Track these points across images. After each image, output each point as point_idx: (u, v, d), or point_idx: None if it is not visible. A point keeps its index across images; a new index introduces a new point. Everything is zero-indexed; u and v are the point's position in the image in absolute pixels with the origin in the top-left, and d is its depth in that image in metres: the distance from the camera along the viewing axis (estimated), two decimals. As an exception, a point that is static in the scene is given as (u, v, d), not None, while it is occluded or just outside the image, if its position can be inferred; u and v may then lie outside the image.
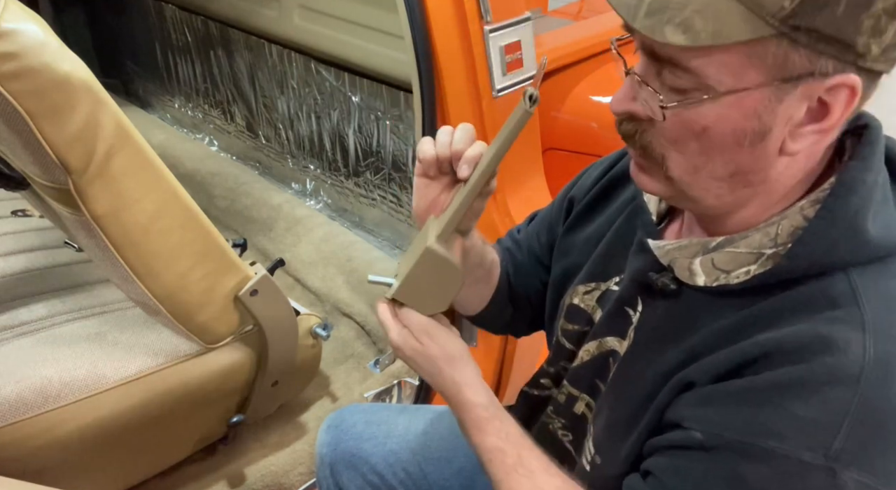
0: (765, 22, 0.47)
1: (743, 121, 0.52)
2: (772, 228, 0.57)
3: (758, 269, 0.57)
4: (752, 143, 0.52)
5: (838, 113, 0.51)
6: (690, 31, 0.49)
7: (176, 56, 2.35)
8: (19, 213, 1.59)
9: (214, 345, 1.12)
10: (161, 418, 1.11)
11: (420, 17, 1.04)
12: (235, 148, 2.31)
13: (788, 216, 0.57)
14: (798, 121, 0.52)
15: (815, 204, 0.56)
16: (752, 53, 0.49)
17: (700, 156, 0.55)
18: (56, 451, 1.01)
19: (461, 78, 1.07)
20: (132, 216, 0.94)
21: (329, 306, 1.73)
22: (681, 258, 0.62)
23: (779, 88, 0.50)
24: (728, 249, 0.59)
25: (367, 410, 1.07)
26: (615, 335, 0.71)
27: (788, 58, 0.49)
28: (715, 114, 0.52)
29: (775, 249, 0.57)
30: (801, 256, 0.55)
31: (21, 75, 0.79)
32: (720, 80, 0.50)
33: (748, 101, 0.51)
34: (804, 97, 0.51)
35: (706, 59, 0.50)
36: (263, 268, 1.13)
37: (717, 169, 0.55)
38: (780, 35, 0.48)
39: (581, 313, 0.77)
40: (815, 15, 0.47)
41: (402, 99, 1.61)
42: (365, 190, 1.87)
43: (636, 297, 0.68)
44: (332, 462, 1.01)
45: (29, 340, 1.13)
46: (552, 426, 0.80)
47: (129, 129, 0.90)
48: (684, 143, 0.55)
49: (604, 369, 0.72)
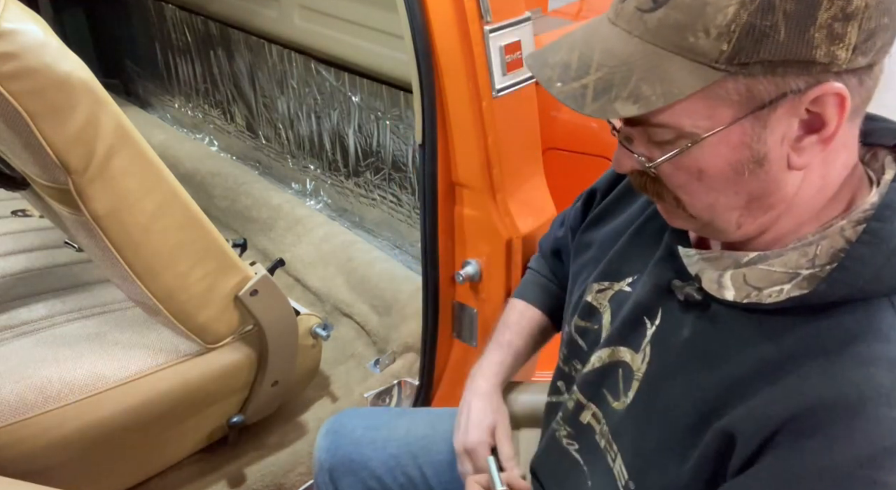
0: (711, 68, 0.48)
1: (735, 154, 0.51)
2: (810, 248, 0.55)
3: (792, 289, 0.55)
4: (753, 170, 0.52)
5: (834, 120, 0.50)
6: (641, 100, 0.49)
7: (176, 56, 2.35)
8: (19, 213, 1.59)
9: (214, 345, 1.12)
10: (161, 418, 1.11)
11: (420, 17, 1.04)
12: (235, 148, 2.31)
13: (829, 236, 0.54)
14: (795, 136, 0.51)
15: (856, 225, 0.53)
16: (713, 96, 0.49)
17: (709, 193, 0.55)
18: (56, 451, 1.01)
19: (461, 78, 1.07)
20: (132, 216, 0.94)
21: (329, 306, 1.73)
22: (710, 270, 0.60)
23: (757, 116, 0.49)
24: (762, 266, 0.57)
25: (366, 415, 1.06)
26: (628, 346, 0.68)
27: (752, 89, 0.48)
28: (706, 156, 0.52)
29: (813, 271, 0.54)
30: (843, 282, 0.52)
31: (21, 75, 0.79)
32: (697, 125, 0.50)
33: (732, 137, 0.50)
34: (789, 115, 0.50)
35: (672, 113, 0.50)
36: (263, 268, 1.13)
37: (730, 201, 0.55)
38: (732, 74, 0.48)
39: (593, 311, 0.76)
40: (756, 48, 0.47)
41: (402, 99, 1.61)
42: (365, 190, 1.87)
43: (656, 307, 0.66)
44: (331, 467, 1.00)
45: (29, 340, 1.13)
46: (559, 434, 0.78)
47: (129, 129, 0.90)
48: (689, 186, 0.55)
49: (612, 379, 0.70)
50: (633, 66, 0.50)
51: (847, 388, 0.50)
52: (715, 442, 0.57)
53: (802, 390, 0.52)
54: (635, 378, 0.67)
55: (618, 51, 0.51)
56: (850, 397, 0.50)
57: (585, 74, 0.52)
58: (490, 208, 1.17)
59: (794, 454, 0.51)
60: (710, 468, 0.57)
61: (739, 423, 0.55)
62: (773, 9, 0.46)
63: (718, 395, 0.58)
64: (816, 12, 0.46)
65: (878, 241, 0.52)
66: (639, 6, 0.50)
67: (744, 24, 0.46)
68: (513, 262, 1.19)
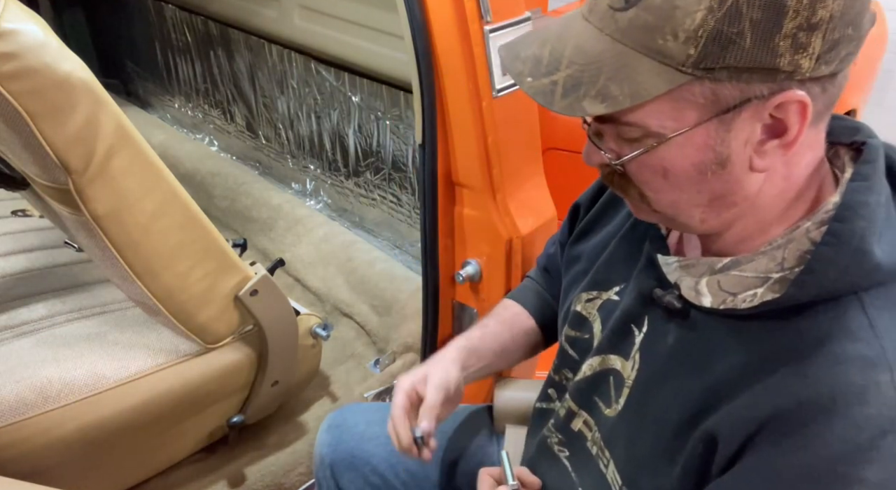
0: (678, 71, 0.49)
1: (699, 155, 0.53)
2: (778, 252, 0.56)
3: (765, 292, 0.56)
4: (716, 171, 0.53)
5: (796, 126, 0.51)
6: (609, 99, 0.50)
7: (176, 56, 2.35)
8: (19, 213, 1.59)
9: (214, 345, 1.12)
10: (161, 418, 1.11)
11: (420, 17, 1.04)
12: (235, 148, 2.31)
13: (795, 238, 0.56)
14: (757, 139, 0.52)
15: (820, 226, 0.55)
16: (680, 98, 0.50)
17: (673, 191, 0.56)
18: (56, 451, 1.01)
19: (461, 78, 1.07)
20: (132, 216, 0.94)
21: (329, 306, 1.73)
22: (687, 277, 0.62)
23: (721, 120, 0.51)
24: (734, 272, 0.58)
25: (368, 410, 1.06)
26: (618, 354, 0.70)
27: (718, 94, 0.49)
28: (671, 155, 0.53)
29: (782, 274, 0.56)
30: (811, 284, 0.54)
31: (21, 75, 0.79)
32: (663, 126, 0.52)
33: (697, 138, 0.52)
34: (752, 119, 0.51)
35: (640, 113, 0.51)
36: (263, 268, 1.13)
37: (693, 198, 0.56)
38: (698, 78, 0.49)
39: (583, 321, 0.77)
40: (723, 54, 0.47)
41: (402, 99, 1.61)
42: (365, 190, 1.88)
43: (643, 315, 0.67)
44: (333, 462, 1.00)
45: (29, 340, 1.13)
46: (550, 441, 0.79)
47: (129, 129, 0.90)
48: (654, 183, 0.56)
49: (603, 387, 0.71)
50: (602, 65, 0.51)
51: (821, 387, 0.52)
52: (699, 445, 0.58)
53: (779, 392, 0.53)
54: (626, 385, 0.68)
55: (588, 48, 0.52)
56: (824, 397, 0.51)
57: (556, 71, 0.52)
58: (490, 208, 1.17)
59: (774, 453, 0.53)
60: (696, 471, 0.59)
61: (720, 424, 0.56)
62: (740, 16, 0.46)
63: (703, 399, 0.59)
64: (782, 21, 0.46)
65: (840, 242, 0.53)
66: (611, 4, 0.51)
67: (711, 29, 0.47)
68: (513, 262, 1.19)
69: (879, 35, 1.99)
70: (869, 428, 0.50)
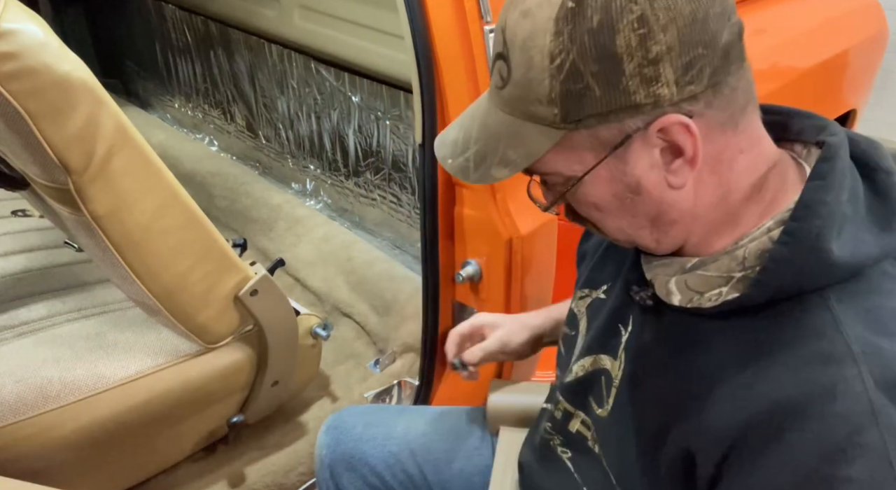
0: (554, 128, 0.54)
1: (611, 186, 0.57)
2: (739, 252, 0.57)
3: (729, 291, 0.57)
4: (633, 198, 0.57)
5: (689, 144, 0.53)
6: (510, 164, 0.57)
7: (176, 56, 2.35)
8: (19, 213, 1.59)
9: (214, 345, 1.12)
10: (161, 418, 1.11)
11: (420, 17, 1.04)
12: (235, 148, 2.31)
13: (757, 238, 0.57)
14: (661, 162, 0.55)
15: (779, 225, 0.56)
16: (570, 147, 0.55)
17: (612, 219, 0.60)
18: (56, 451, 1.01)
19: (461, 78, 1.07)
20: (132, 216, 0.94)
21: (329, 306, 1.73)
22: (662, 275, 0.63)
23: (615, 156, 0.55)
24: (699, 272, 0.60)
25: (366, 412, 1.07)
26: (607, 353, 0.71)
27: (598, 137, 0.54)
28: (590, 191, 0.58)
29: (744, 272, 0.57)
30: (767, 284, 0.55)
31: (21, 75, 0.79)
32: (573, 169, 0.57)
33: (602, 173, 0.56)
34: (644, 148, 0.54)
35: (550, 164, 0.57)
36: (263, 268, 1.13)
37: (633, 222, 0.60)
38: (573, 129, 0.54)
39: (574, 318, 0.78)
40: (580, 106, 0.52)
41: (402, 99, 1.61)
42: (365, 190, 1.88)
43: (627, 314, 0.69)
44: (332, 463, 1.01)
45: (29, 340, 1.13)
46: (552, 442, 0.80)
47: (129, 129, 0.90)
48: (593, 215, 0.61)
49: (596, 387, 0.72)
50: (499, 136, 0.57)
51: (790, 391, 0.52)
52: (677, 459, 0.59)
53: (748, 398, 0.54)
54: (614, 385, 0.69)
55: (489, 123, 0.58)
56: (793, 400, 0.51)
57: (467, 149, 0.60)
58: (490, 208, 1.17)
59: (754, 473, 0.52)
60: (680, 482, 0.59)
61: (694, 439, 0.57)
62: (580, 74, 0.51)
63: (675, 402, 0.60)
64: (621, 66, 0.50)
65: (796, 241, 0.54)
66: (496, 84, 0.58)
67: (560, 91, 0.52)
68: (513, 262, 1.19)
69: (879, 35, 1.99)
70: (844, 425, 0.50)
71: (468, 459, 0.96)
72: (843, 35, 1.79)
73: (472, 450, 0.97)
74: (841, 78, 1.85)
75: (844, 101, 1.89)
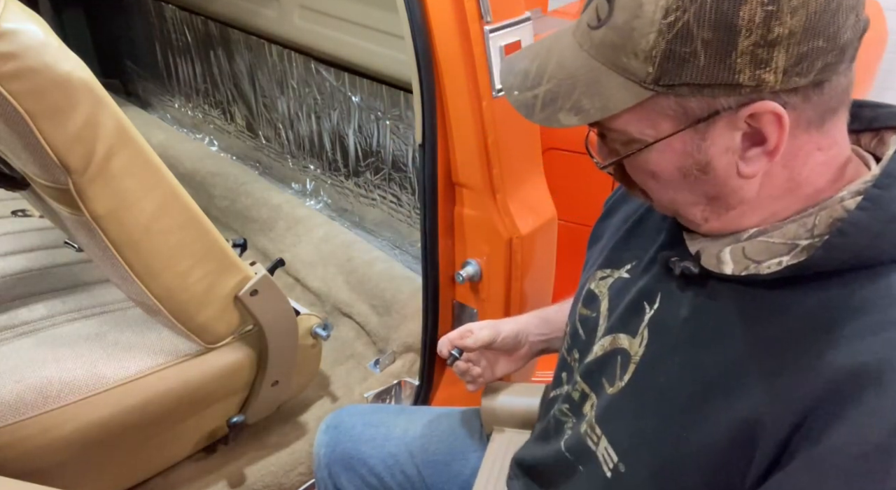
0: (641, 87, 0.52)
1: (680, 160, 0.55)
2: (809, 219, 0.55)
3: (791, 260, 0.55)
4: (699, 176, 0.55)
5: (774, 135, 0.51)
6: (581, 112, 0.54)
7: (176, 56, 2.35)
8: (19, 213, 1.59)
9: (214, 345, 1.12)
10: (161, 418, 1.11)
11: (420, 17, 1.04)
12: (235, 148, 2.31)
13: (828, 206, 0.54)
14: (739, 147, 0.53)
15: (856, 195, 0.54)
16: (651, 110, 0.53)
17: (667, 191, 0.59)
18: (56, 451, 1.01)
19: (461, 78, 1.07)
20: (132, 216, 0.94)
21: (329, 306, 1.73)
22: (710, 247, 0.61)
23: (695, 130, 0.53)
24: (761, 239, 0.57)
25: (365, 412, 1.07)
26: (627, 332, 0.69)
27: (685, 107, 0.52)
28: (654, 159, 0.56)
29: (811, 241, 0.54)
30: (840, 248, 0.52)
31: (21, 75, 0.79)
32: (643, 133, 0.54)
33: (676, 144, 0.54)
34: (729, 128, 0.52)
35: (620, 122, 0.55)
36: (263, 268, 1.13)
37: (688, 198, 0.58)
38: (661, 94, 0.51)
39: (594, 299, 0.76)
40: (679, 72, 0.50)
41: (402, 99, 1.61)
42: (365, 190, 1.88)
43: (656, 291, 0.66)
44: (330, 463, 1.01)
45: (29, 340, 1.13)
46: (566, 425, 0.77)
47: (129, 129, 0.90)
48: (648, 183, 0.60)
49: (610, 367, 0.70)
50: (577, 80, 0.54)
51: (866, 357, 0.50)
52: (731, 429, 0.55)
53: (821, 367, 0.51)
54: (632, 362, 0.67)
55: (568, 63, 0.55)
56: (871, 366, 0.49)
57: (538, 85, 0.56)
58: (490, 208, 1.17)
59: (829, 442, 0.50)
60: (719, 457, 0.56)
61: (758, 411, 0.54)
62: (691, 37, 0.48)
63: (719, 373, 0.57)
64: (736, 40, 0.48)
65: (877, 208, 0.52)
66: (588, 22, 0.54)
67: (664, 50, 0.49)
68: (513, 262, 1.19)
69: (879, 35, 1.99)
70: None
71: (466, 461, 0.96)
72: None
73: (471, 451, 0.97)
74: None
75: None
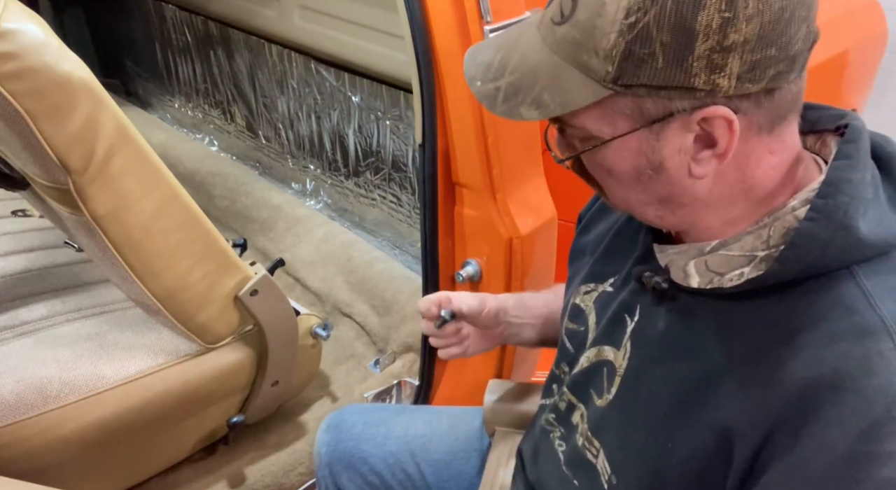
0: (601, 85, 0.52)
1: (635, 158, 0.56)
2: (764, 231, 0.57)
3: (751, 271, 0.57)
4: (652, 175, 0.56)
5: (724, 140, 0.52)
6: (542, 107, 0.54)
7: (176, 56, 2.35)
8: (19, 213, 1.59)
9: (214, 345, 1.12)
10: (161, 418, 1.11)
11: (420, 17, 1.04)
12: (235, 148, 2.31)
13: (780, 217, 0.56)
14: (691, 149, 0.54)
15: (805, 204, 0.55)
16: (609, 109, 0.54)
17: (621, 189, 0.60)
18: (56, 451, 1.01)
19: (461, 78, 1.07)
20: (132, 216, 0.94)
21: (329, 306, 1.73)
22: (678, 260, 0.62)
23: (650, 130, 0.53)
24: (721, 252, 0.59)
25: (366, 411, 1.07)
26: (611, 344, 0.70)
27: (642, 107, 0.52)
28: (610, 157, 0.57)
29: (768, 251, 0.56)
30: (793, 259, 0.54)
31: (21, 75, 0.80)
32: (601, 130, 0.55)
33: (631, 143, 0.55)
34: (681, 130, 0.53)
35: (579, 118, 0.55)
36: (263, 268, 1.13)
37: (641, 197, 0.59)
38: (619, 93, 0.52)
39: (580, 313, 0.77)
40: (636, 73, 0.50)
41: (402, 99, 1.61)
42: (365, 190, 1.88)
43: (635, 304, 0.68)
44: (331, 462, 1.01)
45: (29, 340, 1.13)
46: (552, 435, 0.79)
47: (129, 129, 0.90)
48: (604, 180, 0.61)
49: (597, 378, 0.71)
50: (539, 75, 0.55)
51: (823, 367, 0.51)
52: (711, 438, 0.57)
53: (784, 379, 0.53)
54: (617, 374, 0.68)
55: (531, 57, 0.56)
56: (828, 376, 0.51)
57: (500, 77, 0.57)
58: (490, 208, 1.17)
59: (795, 456, 0.52)
60: (702, 465, 0.58)
61: (733, 421, 0.55)
62: (650, 39, 0.49)
63: (697, 384, 0.59)
64: (694, 44, 0.48)
65: (823, 217, 0.53)
66: (552, 18, 0.55)
67: (623, 50, 0.50)
68: (513, 262, 1.19)
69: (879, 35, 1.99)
70: (882, 399, 0.49)
71: (467, 460, 0.96)
72: (843, 35, 1.79)
73: (471, 450, 0.97)
74: (841, 78, 1.85)
75: (844, 102, 1.89)
